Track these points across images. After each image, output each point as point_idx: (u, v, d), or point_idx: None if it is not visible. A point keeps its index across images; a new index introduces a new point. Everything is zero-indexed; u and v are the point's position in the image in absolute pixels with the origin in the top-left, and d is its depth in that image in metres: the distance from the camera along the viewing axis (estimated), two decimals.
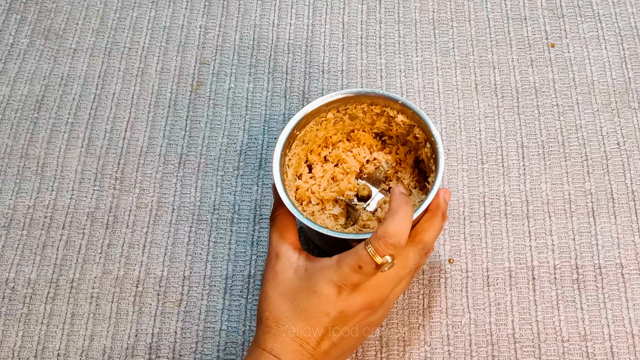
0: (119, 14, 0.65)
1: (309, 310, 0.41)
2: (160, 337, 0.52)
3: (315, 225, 0.45)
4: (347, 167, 0.52)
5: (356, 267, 0.40)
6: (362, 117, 0.51)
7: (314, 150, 0.53)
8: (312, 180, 0.52)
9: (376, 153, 0.53)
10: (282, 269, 0.43)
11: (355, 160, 0.52)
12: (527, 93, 0.60)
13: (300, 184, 0.51)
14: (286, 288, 0.43)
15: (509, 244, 0.54)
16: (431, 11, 0.64)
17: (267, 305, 0.43)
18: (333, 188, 0.51)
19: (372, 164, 0.53)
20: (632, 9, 0.63)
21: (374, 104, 0.50)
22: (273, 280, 0.43)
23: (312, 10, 0.65)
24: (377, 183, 0.52)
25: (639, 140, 0.57)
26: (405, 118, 0.49)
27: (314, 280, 0.42)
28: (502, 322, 0.51)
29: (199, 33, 0.64)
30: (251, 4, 0.66)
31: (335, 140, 0.53)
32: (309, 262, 0.43)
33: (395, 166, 0.53)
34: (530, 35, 0.62)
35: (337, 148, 0.53)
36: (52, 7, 0.66)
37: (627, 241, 0.53)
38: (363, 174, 0.53)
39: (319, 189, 0.51)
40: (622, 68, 0.60)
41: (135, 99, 0.61)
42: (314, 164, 0.53)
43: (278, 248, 0.45)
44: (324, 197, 0.51)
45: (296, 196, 0.51)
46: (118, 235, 0.55)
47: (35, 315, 0.52)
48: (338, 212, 0.51)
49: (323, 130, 0.51)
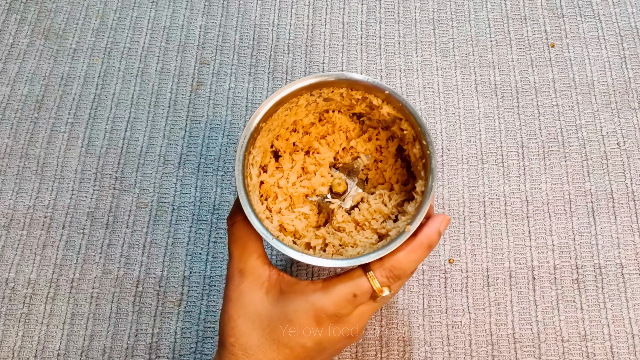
0: (119, 14, 0.65)
1: (283, 339, 0.36)
2: (160, 337, 0.52)
3: (292, 252, 0.37)
4: (319, 157, 0.45)
5: (350, 296, 0.36)
6: (340, 100, 0.43)
7: (282, 136, 0.45)
8: (279, 173, 0.44)
9: (354, 141, 0.46)
10: (249, 289, 0.37)
11: (330, 149, 0.46)
12: (527, 93, 0.60)
13: (265, 178, 0.44)
14: (255, 312, 0.37)
15: (509, 244, 0.54)
16: (431, 11, 0.64)
17: (232, 330, 0.37)
18: (304, 182, 0.45)
19: (348, 152, 0.46)
20: (632, 9, 0.63)
21: (354, 88, 0.42)
22: (238, 302, 0.37)
23: (312, 10, 0.65)
24: (354, 174, 0.45)
25: (639, 140, 0.57)
26: (392, 109, 0.42)
27: (291, 307, 0.36)
28: (502, 322, 0.51)
29: (199, 33, 0.64)
30: (251, 4, 0.66)
31: (306, 123, 0.46)
32: (283, 282, 0.38)
33: (375, 153, 0.46)
34: (530, 35, 0.62)
35: (309, 134, 0.46)
36: (52, 7, 0.66)
37: (627, 241, 0.53)
38: (338, 162, 0.46)
39: (287, 184, 0.44)
40: (622, 68, 0.60)
41: (135, 99, 0.61)
42: (281, 151, 0.45)
43: (242, 263, 0.38)
44: (292, 194, 0.44)
45: (260, 192, 0.44)
46: (118, 235, 0.55)
47: (35, 315, 0.52)
48: (309, 209, 0.44)
49: (293, 116, 0.44)
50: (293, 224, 0.43)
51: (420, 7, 0.65)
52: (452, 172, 0.57)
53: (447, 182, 0.56)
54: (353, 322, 0.37)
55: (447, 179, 0.57)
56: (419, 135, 0.41)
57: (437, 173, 0.41)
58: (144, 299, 0.53)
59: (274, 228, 0.41)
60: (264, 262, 0.38)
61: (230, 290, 0.38)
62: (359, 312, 0.38)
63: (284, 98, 0.41)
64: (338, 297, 0.36)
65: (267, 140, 0.43)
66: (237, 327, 0.37)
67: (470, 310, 0.51)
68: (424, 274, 0.53)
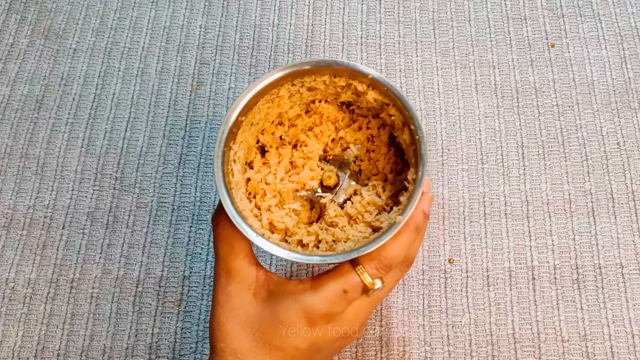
0: (119, 14, 0.65)
1: (274, 342, 0.35)
2: (160, 337, 0.52)
3: (276, 249, 0.36)
4: (307, 150, 0.43)
5: (340, 293, 0.35)
6: (324, 88, 0.41)
7: (267, 130, 0.44)
8: (266, 169, 0.43)
9: (343, 131, 0.44)
10: (237, 291, 0.36)
11: (318, 141, 0.44)
12: (527, 93, 0.60)
13: (251, 174, 0.42)
14: (245, 315, 0.36)
15: (509, 244, 0.54)
16: (431, 11, 0.64)
17: (222, 334, 0.36)
18: (292, 177, 0.43)
19: (337, 143, 0.45)
20: (632, 9, 0.63)
21: (337, 75, 0.40)
22: (226, 305, 0.36)
23: (311, 10, 0.65)
24: (345, 166, 0.43)
25: (639, 140, 0.57)
26: (378, 95, 0.40)
27: (281, 309, 0.35)
28: (502, 322, 0.51)
29: (199, 33, 0.64)
30: (251, 4, 0.66)
31: (292, 115, 0.44)
32: (271, 282, 0.37)
33: (367, 143, 0.44)
34: (530, 35, 0.62)
35: (295, 126, 0.44)
36: (52, 7, 0.66)
37: (627, 241, 0.53)
38: (328, 154, 0.44)
39: (274, 180, 0.42)
40: (622, 68, 0.60)
41: (135, 99, 0.61)
42: (268, 145, 0.44)
43: (229, 264, 0.37)
44: (281, 190, 0.42)
45: (247, 189, 0.42)
46: (118, 235, 0.55)
47: (35, 315, 0.52)
48: (299, 205, 0.42)
49: (276, 108, 0.42)
50: (283, 221, 0.41)
51: (420, 7, 0.65)
52: (452, 172, 0.57)
53: (447, 182, 0.56)
54: (348, 320, 0.36)
55: (447, 179, 0.57)
56: (407, 120, 0.39)
57: (427, 159, 0.39)
58: (144, 299, 0.53)
59: (264, 226, 0.40)
60: (250, 262, 0.37)
61: (218, 293, 0.37)
62: (354, 310, 0.36)
63: (263, 89, 0.39)
64: (328, 294, 0.35)
65: (251, 135, 0.42)
66: (226, 331, 0.36)
67: (470, 310, 0.51)
68: (424, 274, 0.53)
